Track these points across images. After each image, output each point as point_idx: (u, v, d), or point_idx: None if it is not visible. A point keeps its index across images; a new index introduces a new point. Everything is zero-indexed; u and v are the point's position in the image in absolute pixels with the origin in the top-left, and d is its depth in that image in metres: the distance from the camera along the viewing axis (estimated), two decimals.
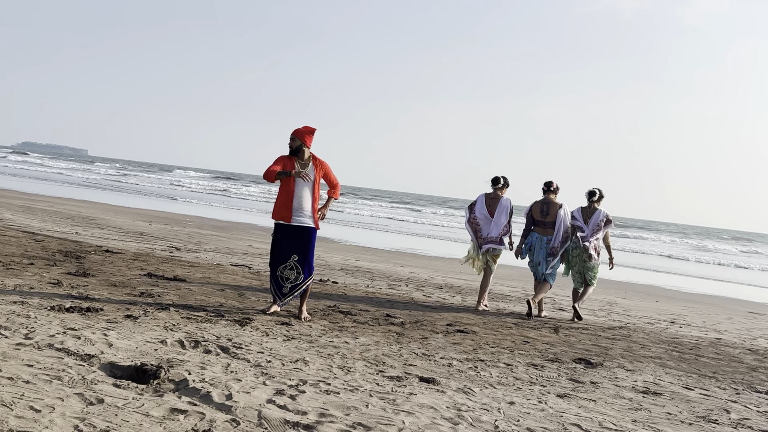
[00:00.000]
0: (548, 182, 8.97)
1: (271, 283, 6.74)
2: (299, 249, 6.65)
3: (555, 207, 8.83)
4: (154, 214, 20.86)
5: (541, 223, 8.89)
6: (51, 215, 15.30)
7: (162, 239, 13.05)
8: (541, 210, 8.90)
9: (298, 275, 6.65)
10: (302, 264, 6.65)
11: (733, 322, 10.84)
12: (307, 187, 6.64)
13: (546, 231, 8.86)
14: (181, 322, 5.71)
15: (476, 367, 5.41)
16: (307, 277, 6.69)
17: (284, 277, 6.66)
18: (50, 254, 8.82)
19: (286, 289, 6.66)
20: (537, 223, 8.94)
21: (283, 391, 4.01)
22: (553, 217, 8.81)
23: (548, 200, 8.91)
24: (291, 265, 6.65)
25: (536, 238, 8.90)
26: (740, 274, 25.11)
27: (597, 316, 9.56)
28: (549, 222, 8.84)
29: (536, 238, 8.90)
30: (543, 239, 8.85)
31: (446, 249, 21.27)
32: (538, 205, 8.95)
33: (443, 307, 8.72)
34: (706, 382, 5.89)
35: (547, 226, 8.86)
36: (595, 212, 8.82)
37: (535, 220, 8.95)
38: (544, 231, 8.88)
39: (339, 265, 12.38)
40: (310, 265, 6.70)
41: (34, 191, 25.92)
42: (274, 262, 6.69)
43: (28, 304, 5.60)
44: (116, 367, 4.11)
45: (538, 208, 8.93)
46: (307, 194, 6.65)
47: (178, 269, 8.99)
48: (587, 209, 8.89)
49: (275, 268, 6.68)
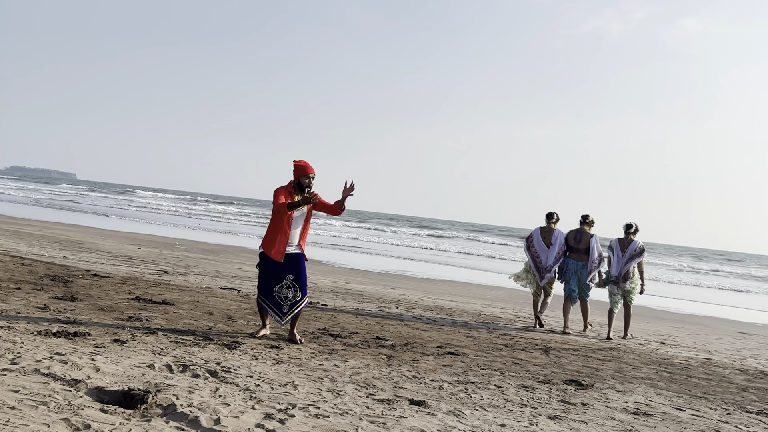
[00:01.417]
0: (585, 215, 10.19)
1: (264, 305, 6.69)
2: (293, 270, 6.65)
3: (587, 236, 10.01)
4: (142, 237, 20.76)
5: (575, 250, 10.04)
6: (39, 239, 15.20)
7: (150, 263, 12.98)
8: (575, 238, 10.07)
9: (296, 293, 6.63)
10: (298, 283, 6.64)
11: (723, 342, 10.86)
12: (300, 224, 6.67)
13: (580, 257, 10.02)
14: (170, 346, 5.66)
15: (467, 389, 5.38)
16: (305, 295, 6.69)
17: (282, 296, 6.63)
18: (37, 278, 8.75)
19: (286, 307, 6.63)
20: (571, 249, 10.08)
21: (272, 416, 3.98)
22: (585, 244, 9.97)
23: (582, 230, 10.09)
24: (288, 284, 6.64)
25: (572, 263, 10.06)
26: (731, 296, 25.20)
27: (587, 337, 9.56)
28: (582, 248, 9.99)
29: (572, 264, 10.06)
30: (578, 264, 10.02)
31: (436, 271, 21.27)
32: (572, 233, 10.13)
33: (434, 329, 8.69)
34: (696, 403, 5.89)
35: (580, 252, 10.01)
36: (631, 243, 9.87)
37: (570, 246, 10.08)
38: (578, 257, 10.03)
39: (329, 287, 12.34)
40: (305, 285, 6.68)
41: (22, 215, 25.77)
42: (268, 284, 6.65)
43: (15, 329, 5.54)
44: (103, 392, 4.06)
45: (572, 236, 10.11)
46: (299, 231, 6.69)
47: (167, 293, 8.94)
48: (624, 240, 9.94)
49: (271, 289, 6.64)
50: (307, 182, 6.60)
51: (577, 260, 10.00)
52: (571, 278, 10.05)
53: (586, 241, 9.96)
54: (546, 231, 10.16)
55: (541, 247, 10.11)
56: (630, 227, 9.93)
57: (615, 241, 9.99)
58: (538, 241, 10.14)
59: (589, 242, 9.93)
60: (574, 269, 10.01)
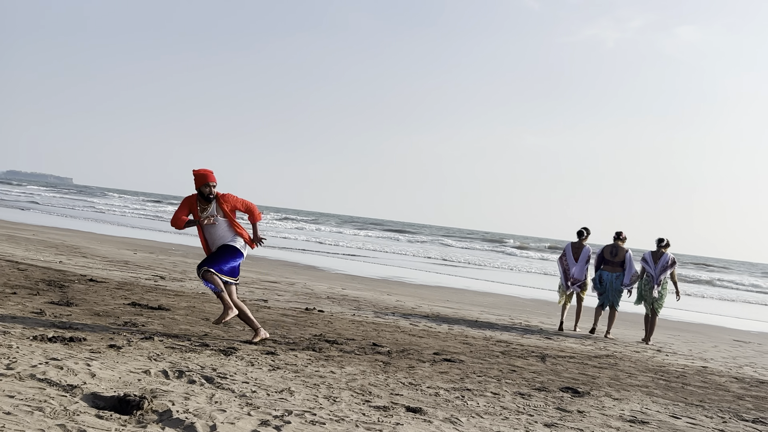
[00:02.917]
0: (618, 232, 11.27)
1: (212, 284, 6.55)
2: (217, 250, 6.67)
3: (623, 251, 11.20)
4: (138, 242, 20.73)
5: (610, 263, 11.22)
6: (35, 244, 15.17)
7: (147, 268, 12.96)
8: (611, 252, 11.25)
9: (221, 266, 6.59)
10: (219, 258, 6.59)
11: (719, 350, 10.87)
12: (218, 227, 6.68)
13: (614, 269, 11.19)
14: (165, 351, 5.65)
15: (463, 396, 5.38)
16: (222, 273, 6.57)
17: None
18: (33, 283, 8.73)
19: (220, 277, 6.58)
20: (606, 262, 11.25)
21: (268, 422, 3.97)
22: (620, 258, 11.16)
23: (617, 245, 11.24)
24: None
25: (606, 275, 11.21)
26: (727, 304, 25.23)
27: (584, 345, 9.56)
28: (617, 262, 11.17)
29: (606, 275, 11.21)
30: (613, 275, 11.17)
31: (432, 278, 21.26)
32: (608, 248, 11.30)
33: (430, 335, 8.69)
34: (692, 411, 5.89)
35: (615, 265, 11.19)
36: (663, 255, 10.86)
37: (605, 259, 11.25)
38: (612, 269, 11.21)
39: (325, 293, 12.33)
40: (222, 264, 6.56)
41: (18, 220, 25.72)
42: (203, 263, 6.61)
43: (10, 334, 5.53)
44: (99, 398, 4.05)
45: (608, 250, 11.28)
46: (222, 233, 6.70)
47: (163, 298, 8.92)
48: (656, 253, 10.93)
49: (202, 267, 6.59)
50: (208, 191, 6.63)
51: (612, 272, 11.18)
52: (606, 289, 11.20)
53: (621, 255, 11.16)
54: (576, 246, 11.46)
55: (571, 261, 11.39)
56: (662, 241, 10.94)
57: (648, 254, 11.02)
58: (569, 255, 11.44)
59: (624, 256, 11.14)
60: (609, 280, 11.16)
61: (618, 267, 11.14)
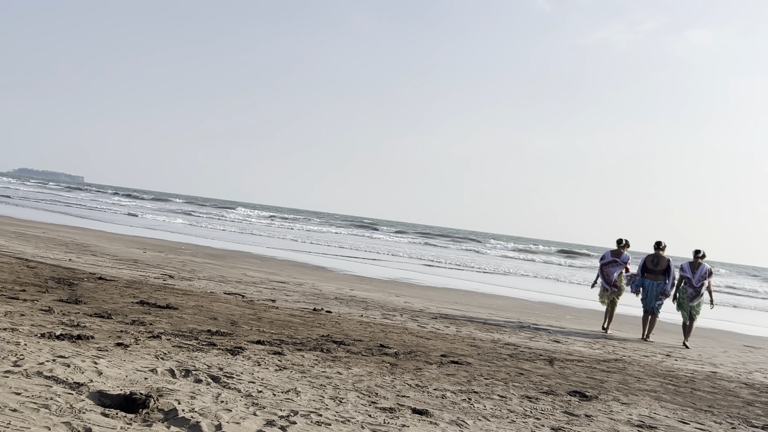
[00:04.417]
0: (658, 242, 12.07)
1: None
2: None
3: (664, 260, 12.00)
4: (148, 241, 20.80)
5: (653, 272, 11.99)
6: (45, 242, 15.24)
7: (156, 267, 12.99)
8: (653, 261, 12.03)
9: None
10: None
11: (729, 355, 10.79)
12: None
13: (656, 277, 11.96)
14: (173, 350, 5.66)
15: (470, 399, 5.36)
16: None
17: None
18: (43, 281, 8.77)
19: None
20: (648, 270, 12.01)
21: (273, 422, 3.96)
22: (662, 266, 11.95)
23: (658, 255, 12.04)
24: None
25: (649, 283, 11.96)
26: (738, 309, 25.05)
27: (592, 348, 9.51)
28: (659, 270, 11.95)
29: (649, 283, 11.96)
30: (654, 284, 11.92)
31: (441, 280, 21.22)
32: (650, 257, 12.09)
33: (438, 337, 8.67)
34: (701, 417, 5.84)
35: (657, 273, 11.96)
36: (700, 266, 11.66)
37: (648, 268, 12.02)
38: (654, 277, 11.97)
39: (333, 294, 12.33)
40: None
41: (29, 217, 25.86)
42: None
43: (19, 331, 5.55)
44: (105, 396, 4.05)
45: (650, 260, 12.07)
46: None
47: (171, 297, 8.94)
48: (694, 263, 11.72)
49: None
50: None
51: (654, 280, 11.95)
52: (648, 296, 11.91)
53: (663, 264, 11.96)
54: (615, 253, 12.51)
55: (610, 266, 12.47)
56: (698, 252, 11.72)
57: (686, 264, 11.80)
58: (608, 260, 12.48)
59: (666, 264, 11.95)
60: (651, 287, 11.91)
61: (660, 275, 11.92)
